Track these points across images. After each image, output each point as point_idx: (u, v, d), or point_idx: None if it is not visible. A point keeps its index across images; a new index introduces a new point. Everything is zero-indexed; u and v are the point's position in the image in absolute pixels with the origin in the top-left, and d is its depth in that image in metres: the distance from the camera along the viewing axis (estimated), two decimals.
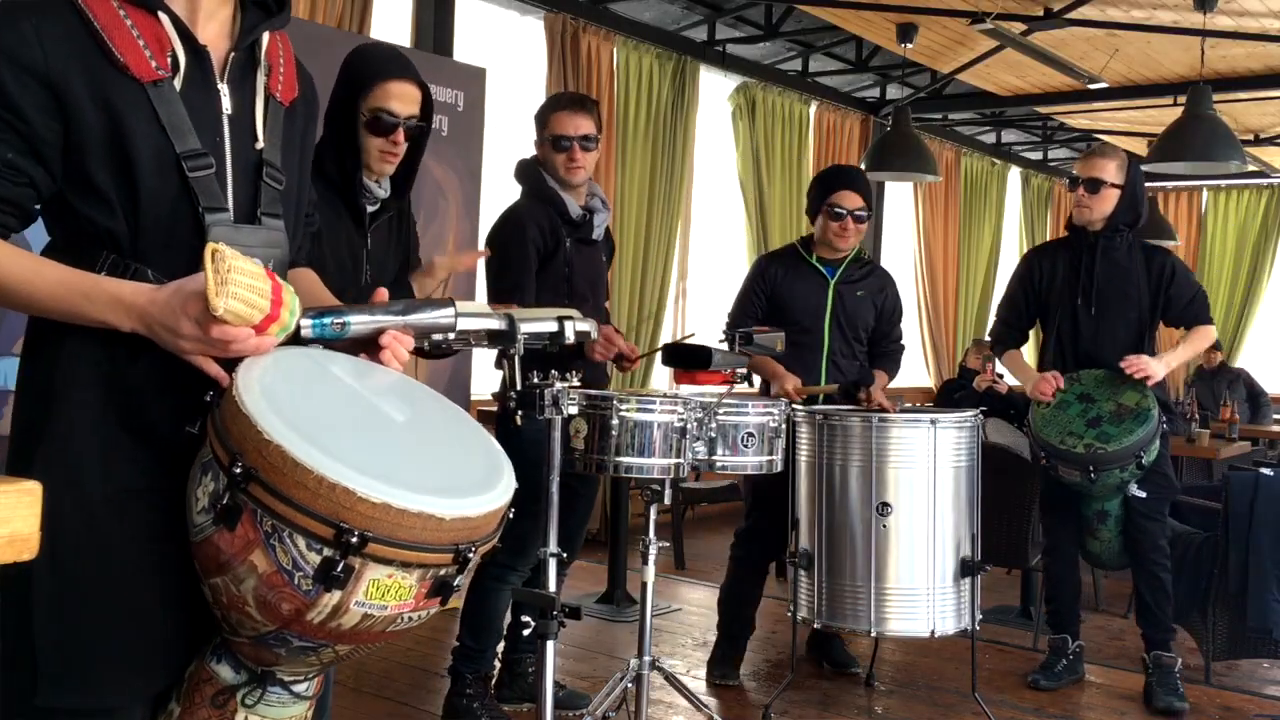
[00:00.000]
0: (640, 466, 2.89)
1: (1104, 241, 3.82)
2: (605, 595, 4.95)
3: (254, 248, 1.41)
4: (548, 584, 2.46)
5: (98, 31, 1.34)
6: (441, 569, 1.30)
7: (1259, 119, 8.88)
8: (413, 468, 1.34)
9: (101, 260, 1.36)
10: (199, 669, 1.42)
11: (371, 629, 1.31)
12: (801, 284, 3.90)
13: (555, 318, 2.15)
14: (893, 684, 4.00)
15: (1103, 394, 3.74)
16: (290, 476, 1.23)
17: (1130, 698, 3.90)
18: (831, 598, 3.40)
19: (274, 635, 1.31)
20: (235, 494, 1.25)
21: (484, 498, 1.34)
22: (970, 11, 6.30)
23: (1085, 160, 3.87)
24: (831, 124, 8.41)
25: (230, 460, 1.25)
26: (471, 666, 3.33)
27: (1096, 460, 3.58)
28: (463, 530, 1.30)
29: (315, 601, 1.26)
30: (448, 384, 4.63)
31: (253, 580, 1.27)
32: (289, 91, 1.52)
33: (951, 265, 9.96)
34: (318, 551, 1.24)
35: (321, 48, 2.99)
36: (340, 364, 1.47)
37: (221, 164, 1.41)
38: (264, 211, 1.46)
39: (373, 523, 1.23)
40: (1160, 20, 6.44)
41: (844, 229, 3.84)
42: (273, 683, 1.41)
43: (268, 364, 1.34)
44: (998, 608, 4.93)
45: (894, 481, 3.33)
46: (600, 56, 6.32)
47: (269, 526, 1.25)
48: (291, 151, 1.53)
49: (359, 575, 1.25)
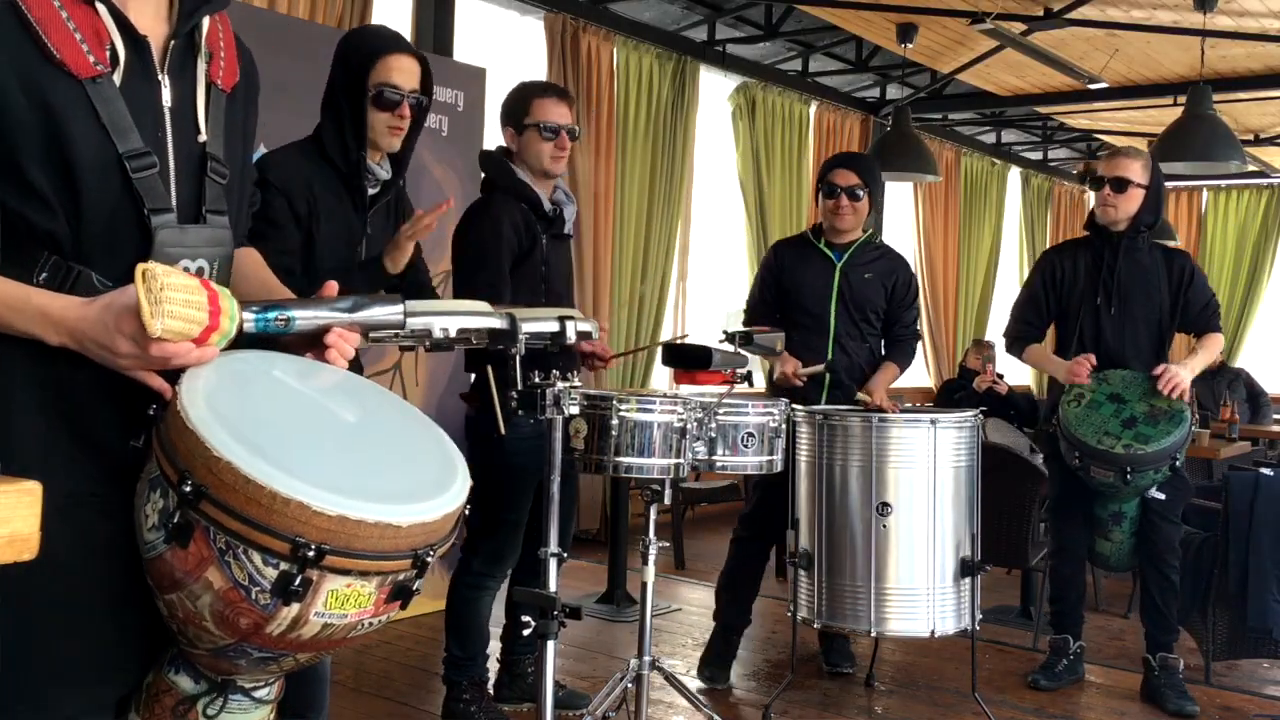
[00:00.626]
0: (640, 466, 2.88)
1: (1127, 241, 3.80)
2: (605, 595, 4.95)
3: (199, 247, 1.40)
4: (548, 584, 2.46)
5: (32, 26, 1.28)
6: (400, 574, 1.29)
7: (1259, 119, 8.87)
8: (367, 474, 1.32)
9: (43, 261, 1.32)
10: (157, 680, 1.40)
11: (332, 637, 1.30)
12: (808, 268, 3.92)
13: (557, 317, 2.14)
14: (893, 684, 4.00)
15: (1133, 395, 3.70)
16: (242, 493, 1.20)
17: (1130, 698, 3.90)
18: (831, 598, 3.40)
19: (233, 648, 1.30)
20: (186, 512, 1.22)
21: (440, 500, 1.32)
22: (970, 11, 6.29)
23: (1111, 160, 3.84)
24: (831, 124, 8.41)
25: (179, 478, 1.22)
26: (463, 674, 3.33)
27: (1135, 461, 3.54)
28: (420, 535, 1.28)
29: (274, 615, 1.24)
30: (447, 384, 4.63)
31: (209, 597, 1.24)
32: (230, 77, 1.47)
33: (951, 265, 9.95)
34: (274, 566, 1.21)
35: (322, 47, 2.98)
36: (285, 365, 1.43)
37: (164, 160, 1.37)
38: (209, 209, 1.42)
39: (330, 535, 1.21)
40: (1160, 20, 6.44)
41: (838, 206, 3.83)
42: (234, 690, 1.39)
43: (210, 372, 1.31)
44: (998, 608, 4.93)
45: (894, 481, 3.33)
46: (600, 56, 6.32)
47: (223, 544, 1.22)
48: (235, 140, 1.48)
49: (317, 587, 1.23)
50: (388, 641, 4.21)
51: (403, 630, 4.32)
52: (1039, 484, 4.40)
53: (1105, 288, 3.80)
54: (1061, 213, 11.82)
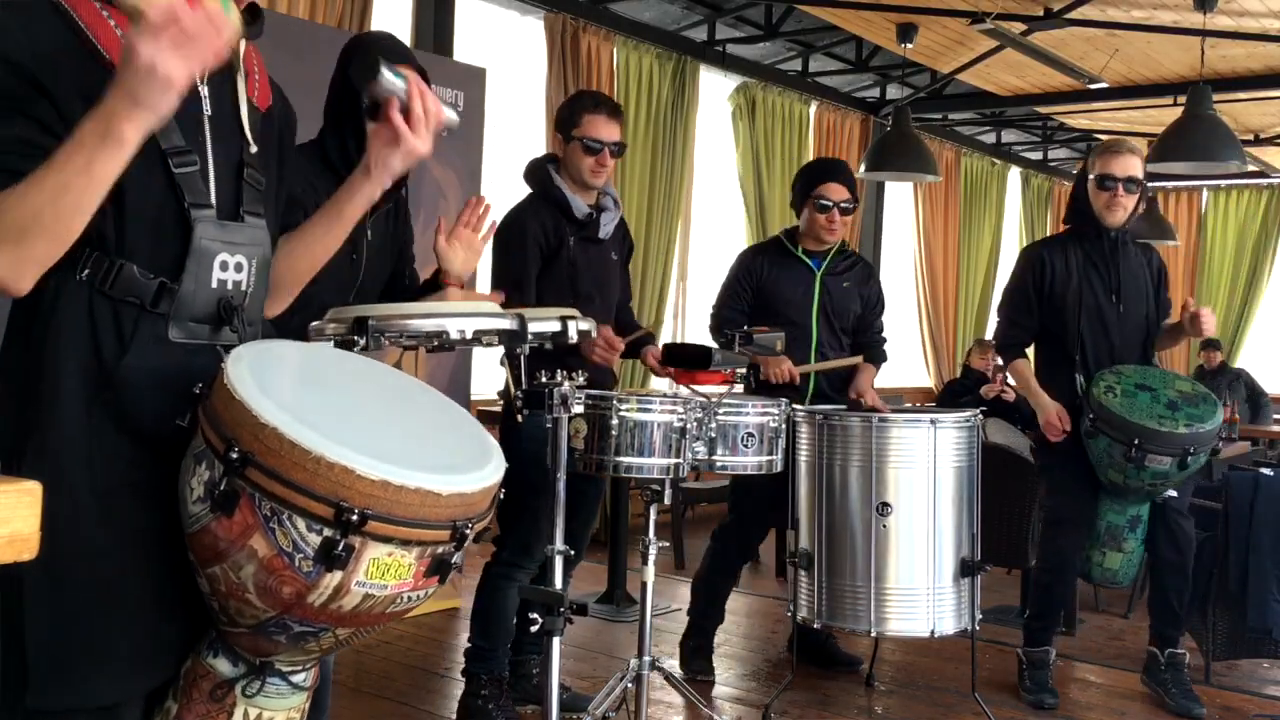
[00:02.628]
0: (640, 466, 2.89)
1: (1123, 238, 3.77)
2: (605, 595, 4.95)
3: (238, 245, 1.45)
4: (553, 581, 2.46)
5: (81, 29, 1.34)
6: (439, 546, 1.32)
7: (1259, 119, 8.87)
8: (407, 447, 1.37)
9: (84, 259, 1.35)
10: (195, 665, 1.42)
11: (372, 610, 1.32)
12: (788, 276, 3.91)
13: (558, 317, 2.16)
14: (892, 684, 4.00)
15: (1157, 382, 3.63)
16: (288, 458, 1.24)
17: (1130, 697, 3.90)
18: (831, 598, 3.39)
19: (274, 621, 1.32)
20: (232, 479, 1.26)
21: (478, 474, 1.36)
22: (970, 11, 6.29)
23: (1119, 158, 3.69)
24: (831, 124, 8.41)
25: (225, 447, 1.26)
26: (484, 667, 3.33)
27: (1197, 441, 3.45)
28: (459, 507, 1.32)
29: (316, 583, 1.27)
30: (448, 384, 4.63)
31: (252, 566, 1.27)
32: (264, 99, 1.56)
33: (951, 265, 9.95)
34: (318, 532, 1.25)
35: (322, 47, 2.98)
36: (325, 355, 1.50)
37: (204, 162, 1.43)
38: (246, 209, 1.48)
39: (372, 500, 1.25)
40: (1160, 20, 6.44)
41: (831, 221, 3.84)
42: (272, 673, 1.42)
43: (255, 356, 1.36)
44: (997, 608, 4.92)
45: (894, 481, 3.32)
46: (600, 56, 6.32)
47: (268, 510, 1.25)
48: (269, 155, 1.55)
49: (359, 554, 1.26)
50: (388, 642, 4.21)
51: (403, 630, 4.32)
52: (1039, 484, 4.39)
53: (1109, 285, 3.74)
54: (1062, 212, 11.79)
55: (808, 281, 3.90)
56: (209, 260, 1.43)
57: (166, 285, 1.39)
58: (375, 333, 1.78)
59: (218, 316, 1.44)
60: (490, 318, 1.84)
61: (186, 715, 1.41)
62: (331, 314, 1.85)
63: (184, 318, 1.41)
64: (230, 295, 1.45)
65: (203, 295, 1.42)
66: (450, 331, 1.70)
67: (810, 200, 3.87)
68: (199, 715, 1.41)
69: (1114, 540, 3.74)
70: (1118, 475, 3.58)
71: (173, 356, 1.40)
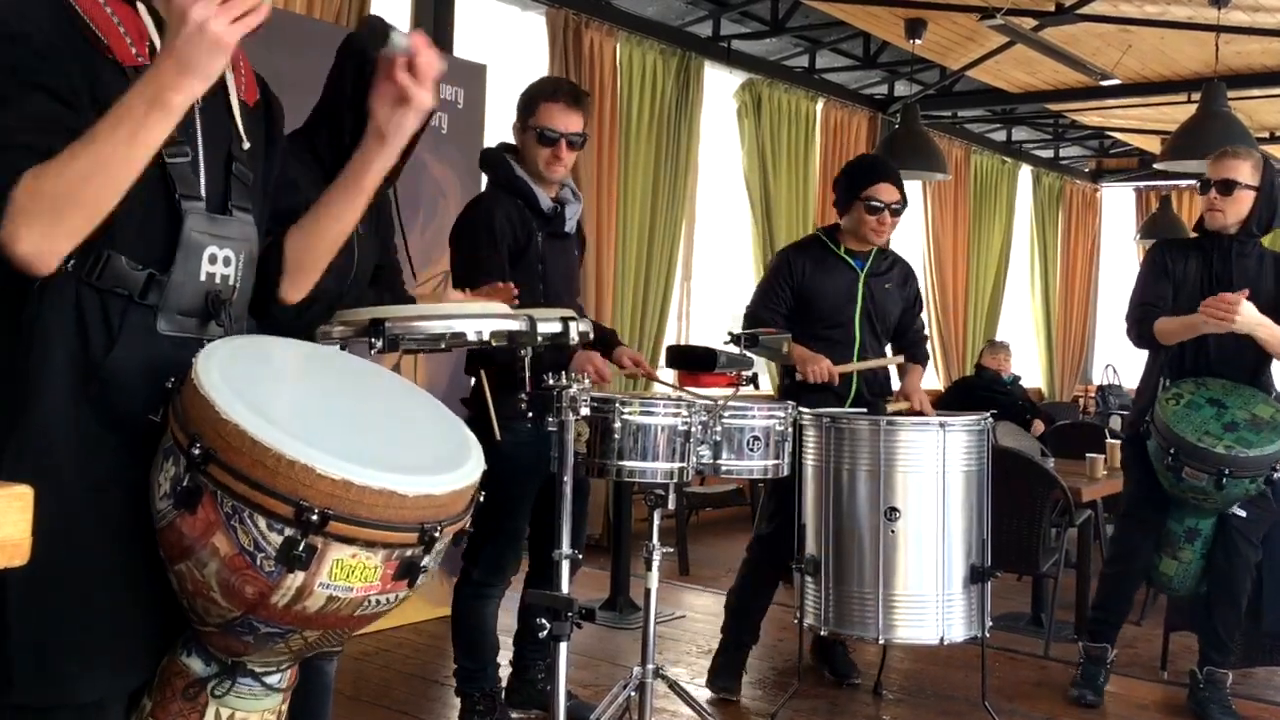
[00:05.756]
0: (643, 470, 2.82)
1: (1236, 246, 3.63)
2: (608, 602, 4.89)
3: (226, 238, 1.45)
4: (560, 586, 2.40)
5: (80, 16, 1.35)
6: (407, 549, 1.29)
7: (1274, 116, 8.79)
8: (378, 447, 1.34)
9: (72, 250, 1.32)
10: (170, 663, 1.42)
11: (338, 612, 1.30)
12: (830, 277, 3.78)
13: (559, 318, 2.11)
14: (901, 692, 3.93)
15: (1234, 401, 3.55)
16: (248, 455, 1.22)
17: (1143, 706, 3.83)
18: (839, 604, 3.33)
19: (240, 621, 1.31)
20: (195, 476, 1.25)
21: (449, 476, 1.33)
22: (980, 7, 6.22)
23: (1217, 161, 3.63)
24: (839, 121, 8.33)
25: (189, 442, 1.25)
26: (475, 686, 3.27)
27: (1235, 464, 3.38)
28: (427, 509, 1.29)
29: (279, 584, 1.25)
30: (448, 384, 4.57)
31: (215, 564, 1.26)
32: (250, 93, 1.57)
33: (961, 264, 9.87)
34: (279, 531, 1.23)
35: (319, 42, 2.92)
36: (309, 350, 1.48)
37: (195, 154, 1.43)
38: (235, 204, 1.48)
39: (334, 500, 1.22)
40: (1174, 16, 6.36)
41: (882, 223, 3.72)
42: (243, 674, 1.40)
43: (231, 351, 1.36)
44: (1008, 615, 4.87)
45: (902, 486, 3.26)
46: (603, 52, 6.25)
47: (229, 508, 1.24)
48: (257, 149, 1.56)
49: (322, 555, 1.24)
50: (387, 650, 4.15)
51: (402, 638, 4.26)
52: (1050, 489, 4.33)
53: (1212, 292, 3.49)
54: (1073, 211, 11.72)
55: (851, 283, 3.77)
56: (198, 253, 1.42)
57: (155, 277, 1.38)
58: (392, 336, 1.75)
59: (205, 310, 1.44)
60: (504, 319, 1.82)
61: (160, 713, 1.41)
62: (341, 315, 1.82)
63: (172, 310, 1.41)
64: (218, 289, 1.45)
65: (191, 288, 1.42)
66: (468, 333, 1.70)
67: (859, 200, 3.72)
68: (172, 714, 1.40)
69: (1170, 547, 3.70)
70: (1164, 480, 3.58)
71: (160, 349, 1.39)
